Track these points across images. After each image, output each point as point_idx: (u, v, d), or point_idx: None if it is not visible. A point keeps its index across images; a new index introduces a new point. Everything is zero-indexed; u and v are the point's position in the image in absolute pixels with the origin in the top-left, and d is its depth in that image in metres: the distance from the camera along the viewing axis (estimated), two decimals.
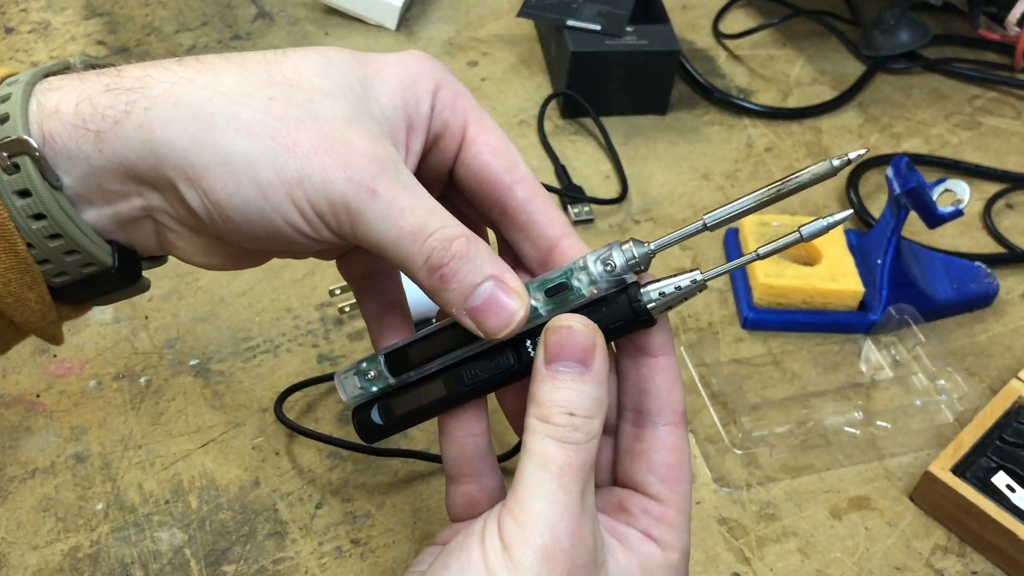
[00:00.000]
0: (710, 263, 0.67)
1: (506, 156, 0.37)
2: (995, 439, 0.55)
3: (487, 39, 0.86)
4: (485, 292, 0.33)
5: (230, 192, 0.31)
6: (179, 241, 0.35)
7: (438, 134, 0.36)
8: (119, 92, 0.31)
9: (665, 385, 0.36)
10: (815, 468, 0.56)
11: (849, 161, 0.32)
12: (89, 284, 0.34)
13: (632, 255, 0.34)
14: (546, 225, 0.36)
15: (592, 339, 0.33)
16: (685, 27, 0.89)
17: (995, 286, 0.66)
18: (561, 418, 0.32)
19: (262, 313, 0.61)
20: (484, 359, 0.36)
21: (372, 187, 0.31)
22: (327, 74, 0.33)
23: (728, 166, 0.76)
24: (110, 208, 0.33)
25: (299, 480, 0.53)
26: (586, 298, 0.34)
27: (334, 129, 0.32)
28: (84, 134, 0.31)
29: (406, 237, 0.32)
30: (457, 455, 0.37)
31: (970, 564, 0.52)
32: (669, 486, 0.36)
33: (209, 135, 0.31)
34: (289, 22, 0.86)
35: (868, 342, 0.63)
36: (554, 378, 0.33)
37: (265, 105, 0.32)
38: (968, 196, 0.59)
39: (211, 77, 0.32)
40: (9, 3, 0.85)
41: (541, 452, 0.32)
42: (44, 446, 0.53)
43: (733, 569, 0.51)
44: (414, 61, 0.36)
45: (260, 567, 0.49)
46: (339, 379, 0.38)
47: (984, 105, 0.84)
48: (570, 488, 0.32)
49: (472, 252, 0.33)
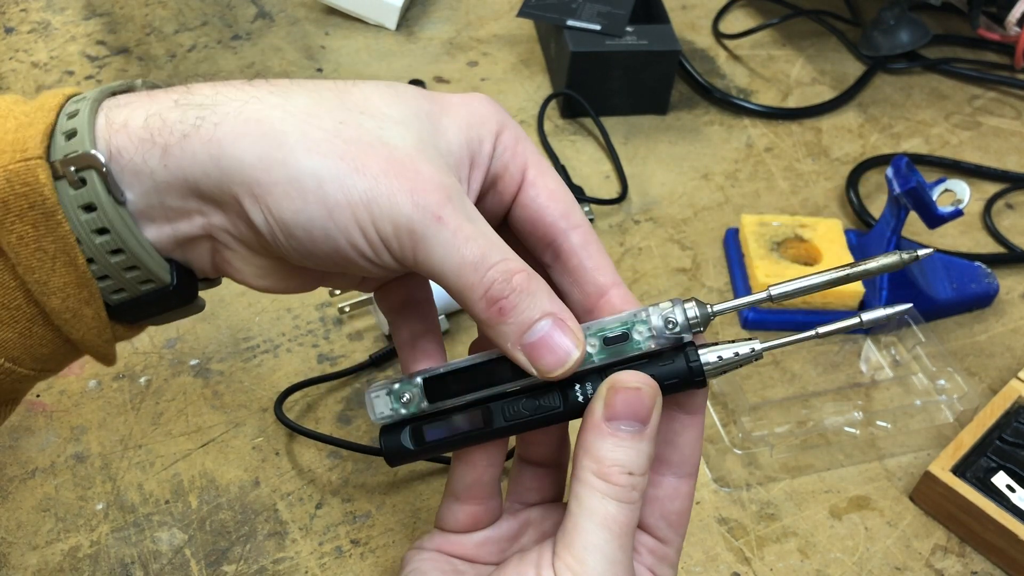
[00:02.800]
0: (710, 263, 0.68)
1: (564, 201, 0.37)
2: (995, 439, 0.55)
3: (487, 39, 0.86)
4: (542, 330, 0.33)
5: (296, 210, 0.31)
6: (236, 261, 0.35)
7: (497, 175, 0.37)
8: (189, 107, 0.32)
9: (691, 442, 0.37)
10: (815, 468, 0.56)
11: (918, 257, 0.34)
12: (146, 302, 0.34)
13: (695, 315, 0.34)
14: (598, 272, 0.37)
15: (654, 399, 0.34)
16: (685, 27, 0.89)
17: (995, 286, 0.66)
18: (622, 478, 0.33)
19: (262, 313, 0.61)
20: (527, 397, 0.35)
21: (438, 214, 0.32)
22: (396, 104, 0.34)
23: (728, 166, 0.76)
24: (170, 226, 0.33)
25: (299, 480, 0.53)
26: (642, 351, 0.34)
27: (403, 155, 0.32)
28: (151, 148, 0.31)
29: (468, 266, 0.32)
30: (473, 482, 0.38)
31: (970, 564, 0.52)
32: (675, 530, 0.38)
33: (279, 152, 0.31)
34: (289, 22, 0.86)
35: (868, 342, 0.63)
36: (615, 436, 0.33)
37: (336, 128, 0.32)
38: (968, 196, 0.59)
39: (282, 99, 0.32)
40: (9, 3, 0.85)
41: (602, 512, 0.33)
42: (44, 446, 0.53)
43: (733, 569, 0.51)
44: (479, 103, 0.36)
45: (260, 567, 0.49)
46: (370, 397, 0.38)
47: (984, 105, 0.84)
48: (627, 548, 0.33)
49: (532, 287, 0.33)
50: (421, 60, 0.82)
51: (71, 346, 0.34)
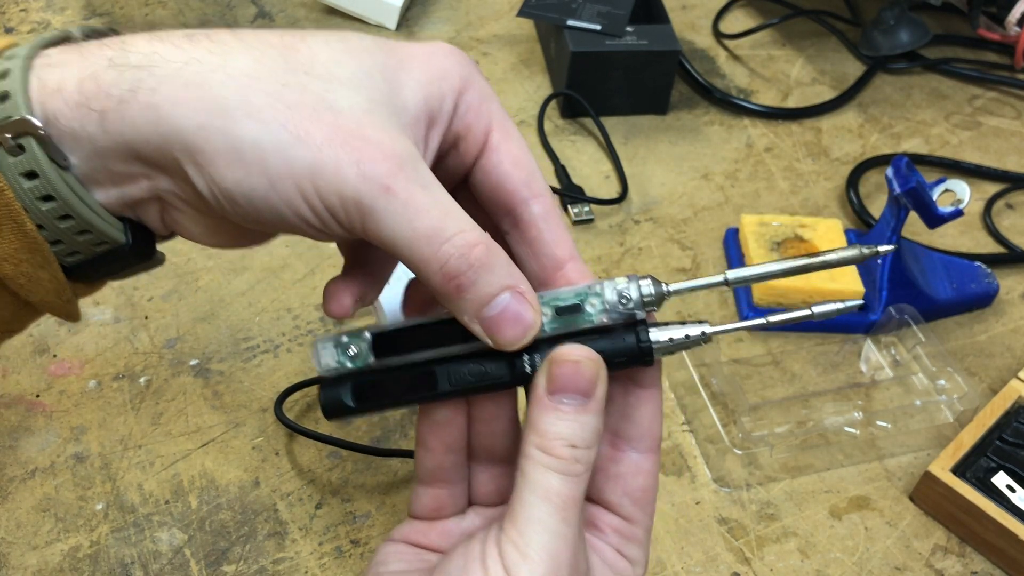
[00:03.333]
0: (710, 263, 0.67)
1: (527, 169, 0.36)
2: (995, 439, 0.55)
3: (487, 39, 0.86)
4: (501, 303, 0.32)
5: (238, 179, 0.30)
6: (185, 221, 0.34)
7: (459, 136, 0.35)
8: (124, 68, 0.30)
9: (649, 415, 0.36)
10: (815, 468, 0.56)
11: (878, 253, 0.34)
12: (104, 261, 0.33)
13: (649, 292, 0.34)
14: (555, 245, 0.36)
15: (597, 373, 0.33)
16: (685, 27, 0.89)
17: (995, 286, 0.66)
18: (564, 451, 0.32)
19: (262, 313, 0.61)
20: (474, 362, 0.35)
21: (387, 184, 0.30)
22: (347, 62, 0.32)
23: (728, 166, 0.76)
24: (117, 189, 0.32)
25: (299, 480, 0.53)
26: (593, 324, 0.34)
27: (349, 121, 0.31)
28: (88, 114, 0.30)
29: (421, 239, 0.31)
30: (434, 467, 0.37)
31: (970, 564, 0.52)
32: (640, 508, 0.36)
33: (219, 120, 0.30)
34: (289, 22, 0.86)
35: (868, 342, 0.63)
36: (557, 409, 0.33)
37: (278, 91, 0.30)
38: (968, 196, 0.59)
39: (222, 58, 0.31)
40: (9, 3, 0.85)
41: (544, 485, 0.32)
42: (44, 446, 0.53)
43: (733, 569, 0.51)
44: (442, 56, 0.35)
45: (260, 567, 0.49)
46: (317, 347, 0.37)
47: (984, 105, 0.84)
48: (571, 521, 0.32)
49: (491, 261, 0.32)
50: None
51: (31, 307, 0.33)
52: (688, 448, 0.56)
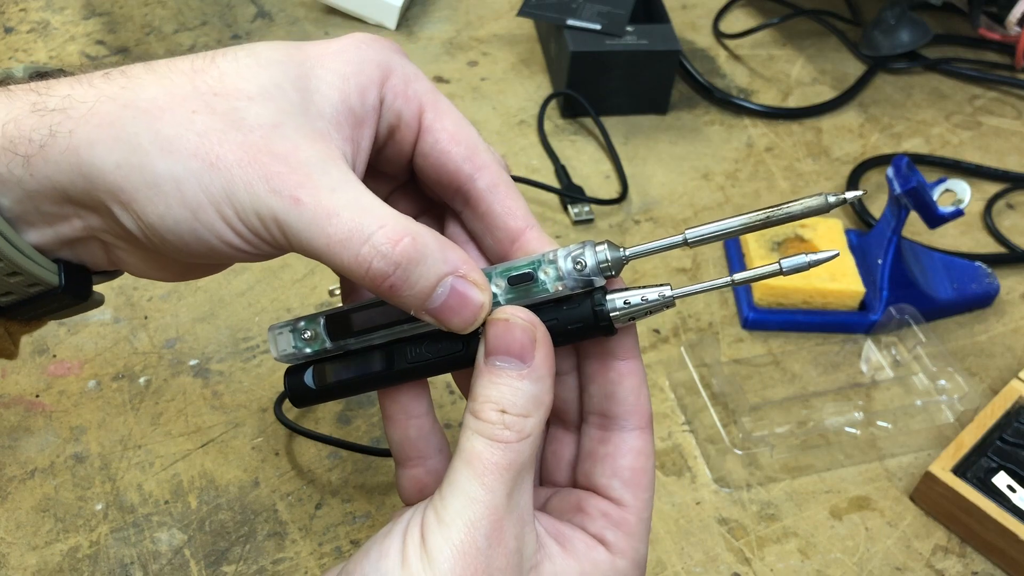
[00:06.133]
0: (710, 263, 0.67)
1: (465, 143, 0.35)
2: (995, 439, 0.55)
3: (487, 39, 0.86)
4: (443, 293, 0.31)
5: (161, 214, 0.30)
6: (127, 257, 0.34)
7: (392, 125, 0.35)
8: (44, 113, 0.30)
9: (632, 389, 0.35)
10: (815, 468, 0.56)
11: (845, 200, 0.31)
12: (39, 303, 0.33)
13: (605, 258, 0.32)
14: (508, 216, 0.35)
15: (531, 333, 0.32)
16: (685, 27, 0.89)
17: (995, 286, 0.66)
18: (492, 415, 0.31)
19: (262, 313, 0.61)
20: (431, 340, 0.34)
21: (295, 195, 0.30)
22: (255, 75, 0.32)
23: (728, 166, 0.76)
24: (51, 229, 0.32)
25: (299, 480, 0.53)
26: (550, 294, 0.33)
27: (258, 138, 0.30)
28: (13, 158, 0.30)
29: (337, 245, 0.30)
30: (401, 438, 0.36)
31: (970, 564, 0.52)
32: (632, 491, 0.34)
33: (135, 157, 0.30)
34: (289, 22, 0.86)
35: (868, 342, 0.63)
36: (491, 373, 0.32)
37: (188, 120, 0.30)
38: (968, 196, 0.59)
39: (134, 93, 0.31)
40: (9, 3, 0.85)
41: (468, 449, 0.31)
42: (43, 446, 0.53)
43: (733, 569, 0.51)
44: (355, 49, 0.34)
45: (260, 567, 0.49)
46: (272, 333, 0.36)
47: (984, 105, 0.84)
48: (494, 487, 0.31)
49: (420, 252, 0.30)
50: (421, 60, 0.82)
51: None
52: (688, 448, 0.56)
